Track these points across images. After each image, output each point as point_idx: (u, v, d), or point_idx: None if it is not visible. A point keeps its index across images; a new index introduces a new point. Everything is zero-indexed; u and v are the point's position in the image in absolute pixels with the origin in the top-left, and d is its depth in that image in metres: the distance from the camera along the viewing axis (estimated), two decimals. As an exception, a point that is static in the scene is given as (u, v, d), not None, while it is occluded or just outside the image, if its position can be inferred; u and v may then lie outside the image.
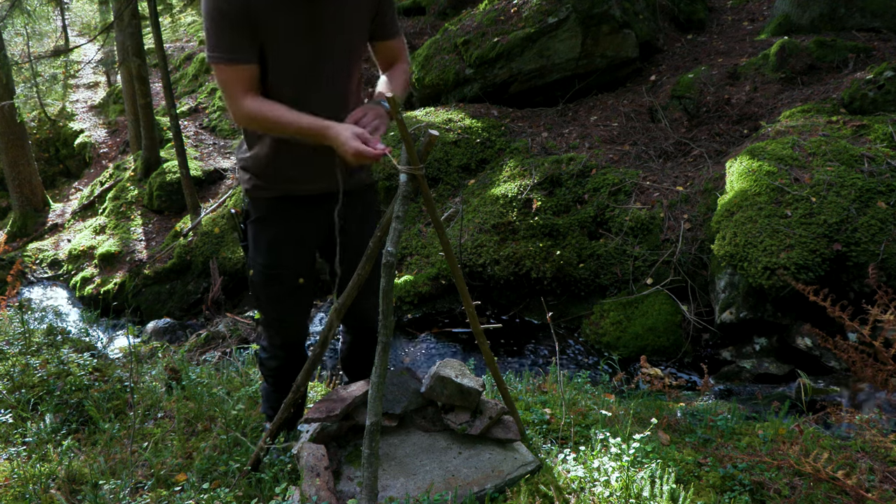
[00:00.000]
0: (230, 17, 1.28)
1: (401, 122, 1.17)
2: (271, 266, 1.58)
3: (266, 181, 1.53)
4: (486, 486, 1.53)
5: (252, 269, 1.61)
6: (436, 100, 5.47)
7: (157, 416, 2.17)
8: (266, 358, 1.74)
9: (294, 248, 1.59)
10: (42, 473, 1.74)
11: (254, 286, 1.63)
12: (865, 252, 2.77)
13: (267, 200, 1.55)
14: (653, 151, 4.36)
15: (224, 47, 1.30)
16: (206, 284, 5.08)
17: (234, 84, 1.33)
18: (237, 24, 1.29)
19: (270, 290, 1.61)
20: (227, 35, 1.30)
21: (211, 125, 7.77)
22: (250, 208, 1.59)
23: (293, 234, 1.57)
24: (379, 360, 1.28)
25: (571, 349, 3.43)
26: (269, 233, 1.57)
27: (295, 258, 1.59)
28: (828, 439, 1.77)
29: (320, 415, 1.57)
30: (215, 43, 1.31)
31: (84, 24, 12.24)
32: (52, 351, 2.57)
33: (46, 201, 7.77)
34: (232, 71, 1.32)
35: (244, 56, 1.32)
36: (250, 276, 1.62)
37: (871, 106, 3.63)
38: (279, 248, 1.58)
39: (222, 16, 1.28)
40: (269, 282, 1.60)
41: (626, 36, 5.01)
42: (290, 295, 1.62)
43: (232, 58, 1.31)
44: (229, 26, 1.29)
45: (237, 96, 1.34)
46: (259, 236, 1.59)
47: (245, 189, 1.59)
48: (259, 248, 1.59)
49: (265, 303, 1.65)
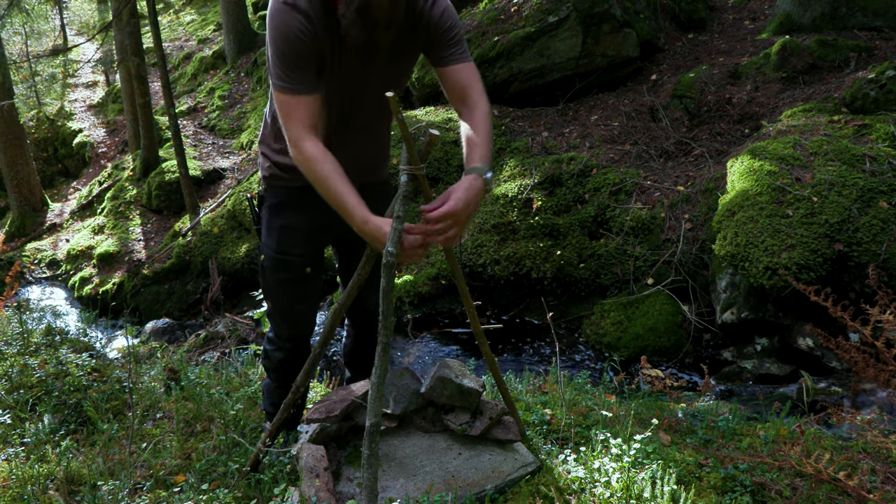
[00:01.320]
0: (294, 45, 1.28)
1: (401, 121, 1.17)
2: (281, 252, 1.59)
3: (288, 172, 1.53)
4: (486, 486, 1.53)
5: (263, 254, 1.62)
6: (436, 99, 5.46)
7: (156, 417, 2.17)
8: (271, 350, 1.73)
9: (306, 236, 1.59)
10: (40, 474, 1.74)
11: (263, 271, 1.64)
12: (867, 252, 2.76)
13: (285, 189, 1.56)
14: (654, 151, 4.35)
15: (293, 77, 1.30)
16: (205, 285, 5.07)
17: (296, 115, 1.32)
18: (305, 58, 1.30)
19: (279, 277, 1.62)
20: (295, 69, 1.30)
21: (210, 125, 7.76)
22: (267, 194, 1.60)
23: (307, 222, 1.58)
24: (379, 361, 1.28)
25: (572, 349, 3.43)
26: (283, 219, 1.58)
27: (304, 247, 1.60)
28: (829, 440, 1.76)
29: (320, 415, 1.56)
30: (284, 72, 1.30)
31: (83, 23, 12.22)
32: (50, 351, 2.57)
33: (45, 201, 7.76)
34: (296, 102, 1.31)
35: (310, 86, 1.32)
36: (261, 260, 1.63)
37: (872, 105, 3.62)
38: (291, 234, 1.58)
39: (294, 51, 1.28)
40: (277, 267, 1.60)
41: (627, 35, 5.00)
42: (297, 283, 1.63)
43: (299, 88, 1.31)
44: (298, 60, 1.30)
45: (298, 131, 1.32)
46: (272, 221, 1.60)
47: (263, 175, 1.60)
48: (271, 233, 1.60)
49: (274, 289, 1.65)
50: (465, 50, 1.44)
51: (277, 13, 1.28)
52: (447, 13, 1.40)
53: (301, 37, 1.27)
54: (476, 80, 1.46)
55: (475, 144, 1.36)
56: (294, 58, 1.29)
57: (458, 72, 1.43)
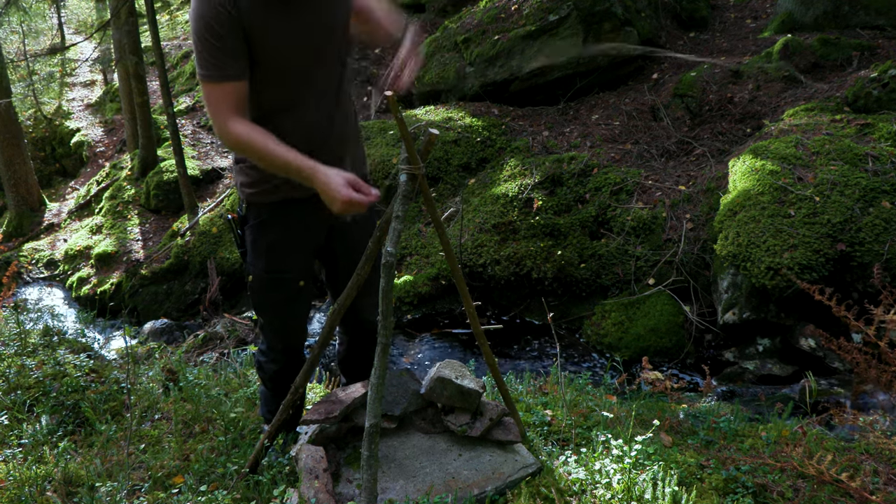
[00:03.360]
0: (219, 31, 1.25)
1: (400, 120, 1.15)
2: (272, 270, 1.55)
3: (265, 186, 1.50)
4: (486, 488, 1.52)
5: (251, 275, 1.58)
6: (436, 98, 5.44)
7: (155, 418, 2.15)
8: (265, 361, 1.71)
9: (294, 251, 1.56)
10: (38, 476, 1.73)
11: (253, 292, 1.61)
12: (870, 252, 2.75)
13: (266, 205, 1.53)
14: (655, 150, 4.34)
15: (212, 64, 1.27)
16: (204, 285, 5.05)
17: (220, 102, 1.30)
18: (226, 36, 1.26)
19: (271, 295, 1.59)
20: (216, 51, 1.27)
21: (208, 124, 7.73)
22: (248, 213, 1.56)
23: (293, 237, 1.55)
24: (378, 362, 1.27)
25: (573, 350, 3.42)
26: (269, 237, 1.54)
27: (295, 261, 1.57)
28: (831, 441, 1.75)
29: (319, 416, 1.55)
30: (204, 61, 1.28)
31: (80, 22, 12.20)
32: (48, 352, 2.55)
33: (42, 201, 7.74)
34: (220, 89, 1.29)
35: (233, 72, 1.29)
36: (249, 281, 1.59)
37: (875, 104, 3.61)
38: (280, 251, 1.55)
39: (210, 32, 1.25)
40: (270, 286, 1.57)
41: (628, 34, 4.99)
42: (291, 299, 1.60)
43: (221, 75, 1.28)
44: (218, 41, 1.26)
45: (224, 117, 1.31)
46: (258, 241, 1.56)
47: (242, 194, 1.56)
48: (258, 253, 1.56)
49: (266, 308, 1.62)
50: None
51: (196, 1, 1.26)
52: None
53: (221, 16, 1.24)
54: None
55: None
56: (215, 43, 1.25)
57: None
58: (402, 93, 1.35)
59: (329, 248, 1.62)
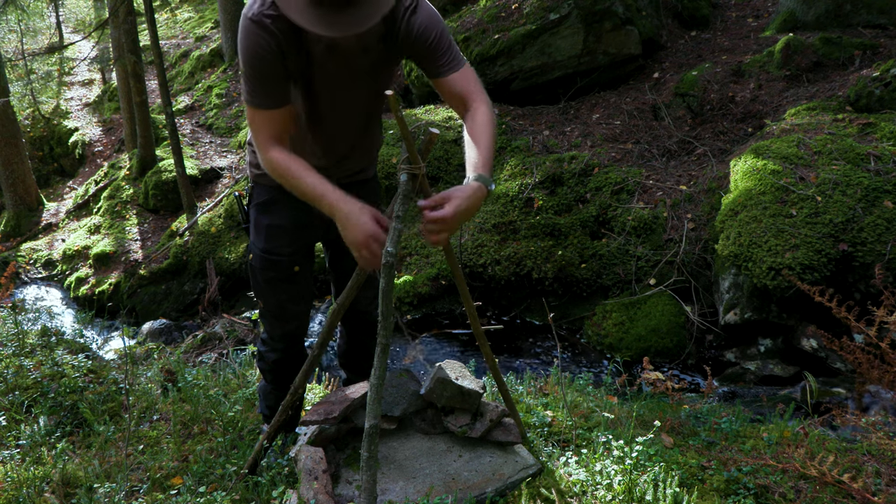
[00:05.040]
0: (261, 67, 1.29)
1: (401, 119, 1.14)
2: (268, 251, 1.59)
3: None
4: (486, 489, 1.51)
5: (252, 254, 1.62)
6: (436, 97, 5.43)
7: (153, 419, 2.14)
8: (265, 351, 1.72)
9: (293, 234, 1.59)
10: (36, 477, 1.72)
11: (252, 271, 1.64)
12: (872, 252, 2.74)
13: (271, 187, 1.56)
14: (656, 150, 4.33)
15: (257, 93, 1.32)
16: (203, 285, 5.04)
17: (262, 127, 1.35)
18: (269, 73, 1.30)
19: (267, 276, 1.62)
20: (260, 83, 1.31)
21: (207, 123, 7.72)
22: (254, 192, 1.61)
23: (294, 220, 1.58)
24: (378, 362, 1.26)
25: (573, 350, 3.41)
26: (269, 217, 1.59)
27: (292, 245, 1.60)
28: (833, 442, 1.75)
29: (318, 417, 1.54)
30: (250, 87, 1.32)
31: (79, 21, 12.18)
32: (46, 352, 2.55)
33: (40, 200, 7.73)
34: (262, 115, 1.34)
35: (273, 102, 1.33)
36: (249, 259, 1.63)
37: (877, 104, 3.60)
38: (277, 233, 1.58)
39: (253, 64, 1.29)
40: (265, 266, 1.60)
41: (629, 33, 4.98)
42: (286, 281, 1.62)
43: (264, 103, 1.33)
44: (261, 73, 1.30)
45: (265, 140, 1.36)
46: (259, 220, 1.60)
47: (251, 174, 1.61)
48: (259, 232, 1.60)
49: (264, 289, 1.64)
50: (455, 57, 1.39)
51: (243, 30, 1.28)
52: (428, 25, 1.34)
53: (266, 56, 1.27)
54: (474, 84, 1.42)
55: (479, 151, 1.34)
56: (259, 76, 1.30)
57: (453, 81, 1.40)
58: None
59: (332, 238, 1.65)
